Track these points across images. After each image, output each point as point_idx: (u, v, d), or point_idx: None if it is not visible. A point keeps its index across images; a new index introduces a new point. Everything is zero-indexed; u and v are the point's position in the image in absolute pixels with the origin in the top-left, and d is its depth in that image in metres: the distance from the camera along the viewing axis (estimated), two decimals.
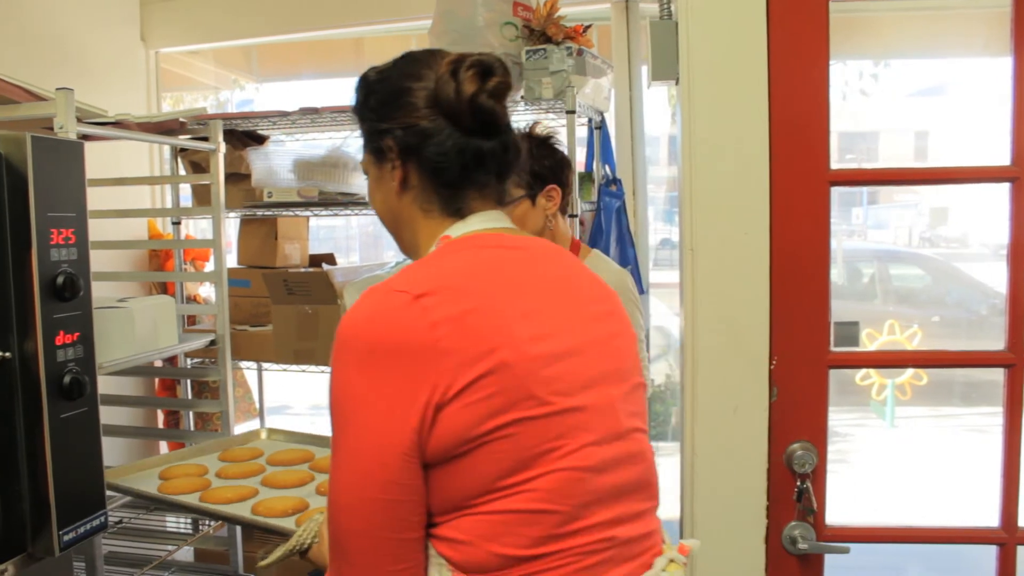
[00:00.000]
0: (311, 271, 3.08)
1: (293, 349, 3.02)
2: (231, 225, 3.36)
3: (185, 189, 3.52)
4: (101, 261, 2.43)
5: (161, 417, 3.70)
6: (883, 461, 5.83)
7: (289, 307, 3.00)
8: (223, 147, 2.82)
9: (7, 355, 1.55)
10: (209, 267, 3.40)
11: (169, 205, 3.49)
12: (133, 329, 2.38)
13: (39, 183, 1.58)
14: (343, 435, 1.05)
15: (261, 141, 3.31)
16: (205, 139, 2.82)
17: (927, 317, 7.15)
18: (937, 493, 5.01)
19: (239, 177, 3.20)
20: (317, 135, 3.29)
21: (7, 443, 1.56)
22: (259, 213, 3.22)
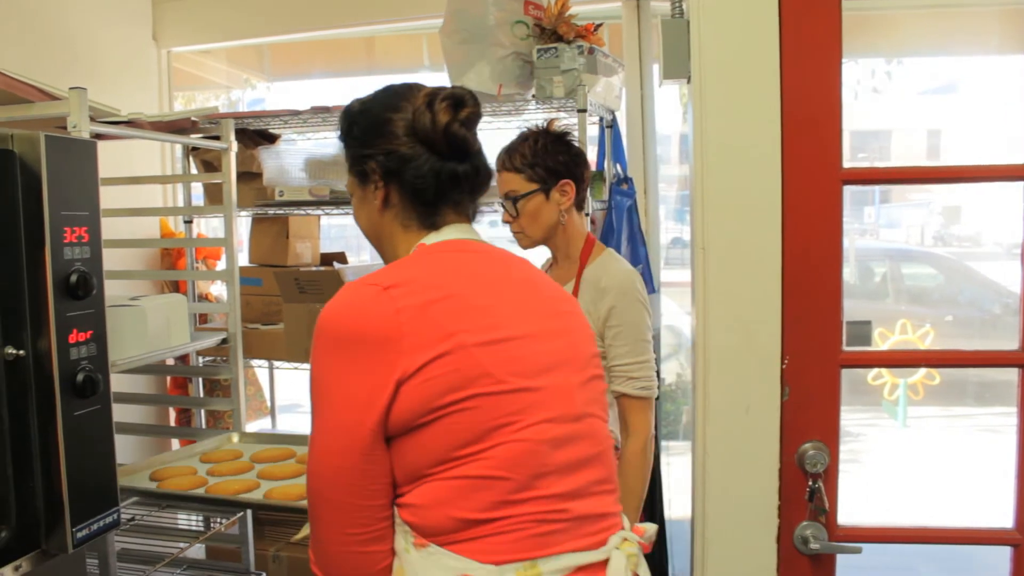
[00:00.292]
0: (322, 270, 3.09)
1: (304, 347, 3.02)
2: (243, 224, 3.37)
3: (197, 188, 3.53)
4: (114, 260, 2.45)
5: (173, 415, 3.72)
6: (895, 461, 5.81)
7: (300, 305, 3.01)
8: (235, 146, 2.83)
9: (21, 353, 1.56)
10: (221, 266, 3.41)
11: (181, 204, 3.51)
12: (146, 327, 2.40)
13: (53, 182, 1.59)
14: (319, 413, 1.18)
15: (273, 140, 3.32)
16: (217, 138, 2.83)
17: (940, 316, 7.11)
18: (950, 493, 4.98)
19: (251, 176, 3.21)
20: (329, 134, 3.29)
21: (21, 440, 1.57)
22: (271, 212, 3.23)
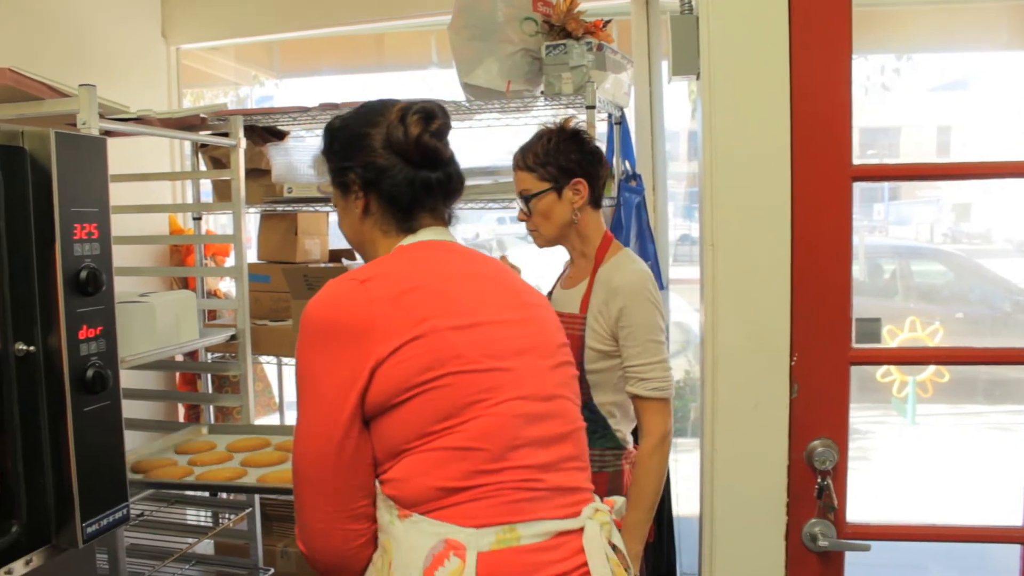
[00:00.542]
0: (331, 266, 3.09)
1: None
2: (251, 220, 3.38)
3: (206, 185, 3.54)
4: (123, 256, 2.45)
5: (182, 411, 3.73)
6: (904, 459, 5.78)
7: None
8: (243, 143, 2.84)
9: (31, 349, 1.57)
10: (229, 262, 3.41)
11: (190, 200, 3.52)
12: (155, 324, 2.40)
13: (63, 179, 1.60)
14: (303, 399, 1.27)
15: (281, 137, 3.32)
16: (226, 135, 2.84)
17: (949, 314, 7.07)
18: (959, 491, 4.96)
19: (259, 173, 3.21)
20: None
21: (32, 436, 1.58)
22: (279, 208, 3.23)
